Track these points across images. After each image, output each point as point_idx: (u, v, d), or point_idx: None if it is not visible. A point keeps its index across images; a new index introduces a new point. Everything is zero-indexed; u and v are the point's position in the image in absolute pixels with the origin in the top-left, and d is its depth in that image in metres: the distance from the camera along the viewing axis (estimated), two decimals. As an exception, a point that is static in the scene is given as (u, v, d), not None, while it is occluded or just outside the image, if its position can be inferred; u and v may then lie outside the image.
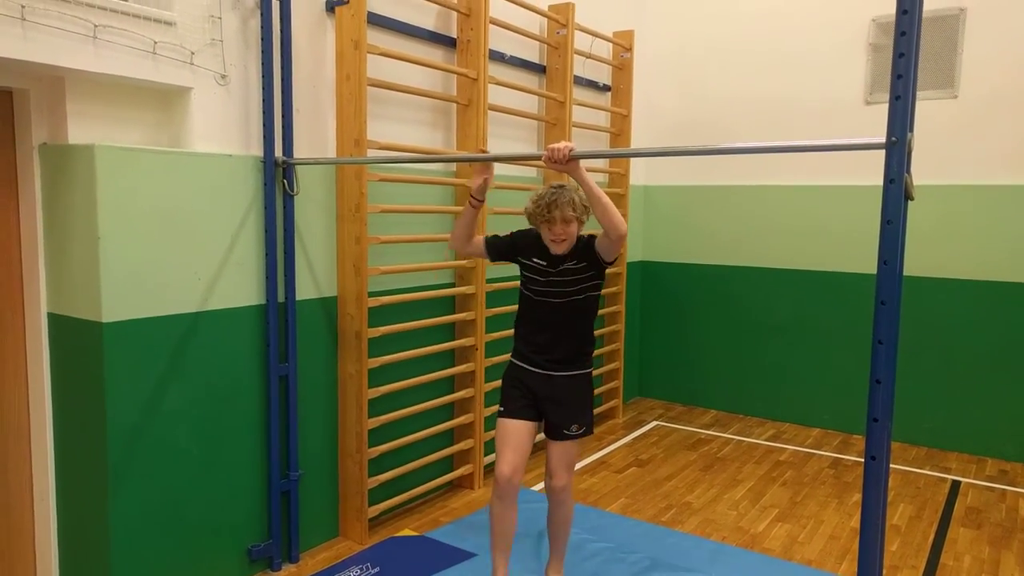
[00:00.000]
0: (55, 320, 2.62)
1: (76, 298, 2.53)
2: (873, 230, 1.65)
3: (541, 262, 2.64)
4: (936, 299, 4.70)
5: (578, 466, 4.39)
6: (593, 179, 2.43)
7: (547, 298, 2.63)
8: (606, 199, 2.40)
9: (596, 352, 5.09)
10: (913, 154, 1.69)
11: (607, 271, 2.71)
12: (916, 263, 4.59)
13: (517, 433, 2.65)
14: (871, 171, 1.71)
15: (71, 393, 2.62)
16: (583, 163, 2.40)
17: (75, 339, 2.56)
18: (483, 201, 2.68)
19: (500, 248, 2.76)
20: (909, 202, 1.67)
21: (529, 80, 4.42)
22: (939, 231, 4.65)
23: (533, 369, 2.68)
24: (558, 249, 2.60)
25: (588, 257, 2.59)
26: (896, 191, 1.59)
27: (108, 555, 2.55)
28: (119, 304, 2.50)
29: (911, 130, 1.62)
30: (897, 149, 1.58)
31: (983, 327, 4.59)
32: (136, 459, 2.60)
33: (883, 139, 1.61)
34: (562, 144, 2.34)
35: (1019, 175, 4.44)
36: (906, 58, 1.56)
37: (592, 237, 2.60)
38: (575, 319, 2.66)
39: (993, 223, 4.53)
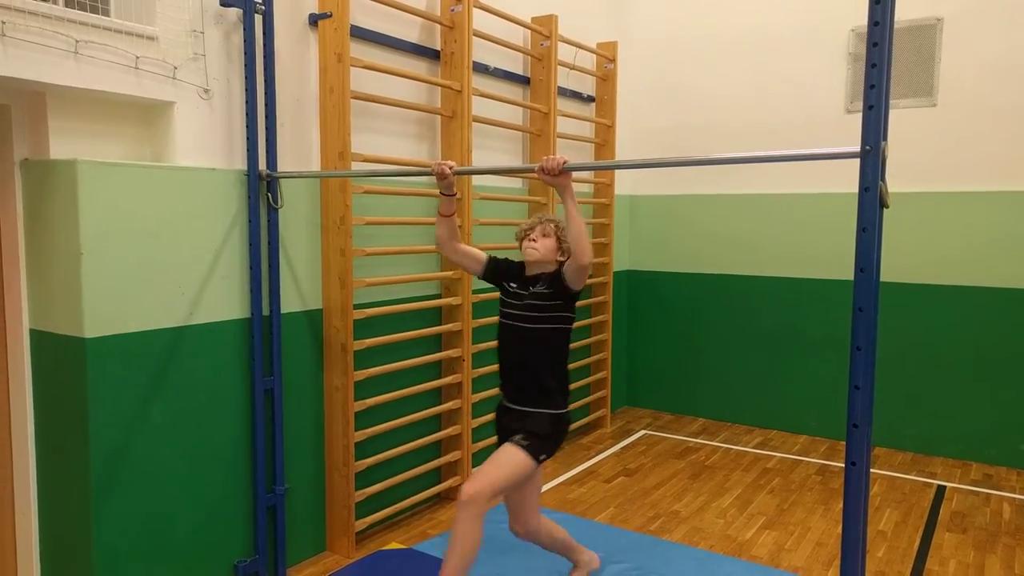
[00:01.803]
0: (37, 336, 2.60)
1: (58, 314, 2.52)
2: (854, 238, 1.67)
3: (513, 285, 2.72)
4: (919, 305, 4.75)
5: (566, 476, 4.40)
6: (577, 191, 2.50)
7: (516, 322, 2.67)
8: (582, 226, 2.49)
9: (585, 361, 5.14)
10: (892, 162, 1.71)
11: (577, 303, 2.69)
12: (898, 270, 4.65)
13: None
14: (852, 179, 1.73)
15: (54, 409, 2.60)
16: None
17: (57, 355, 2.54)
18: (454, 194, 2.68)
19: (495, 268, 2.80)
20: (885, 209, 1.69)
21: (513, 92, 4.44)
22: (921, 238, 4.70)
23: (504, 402, 2.76)
24: (531, 256, 2.66)
25: (556, 285, 2.62)
26: (871, 199, 1.61)
27: (91, 572, 2.52)
28: (102, 319, 2.49)
29: (885, 139, 1.64)
30: (871, 158, 1.61)
31: (965, 332, 4.64)
32: (120, 475, 2.58)
33: (858, 148, 1.63)
34: (555, 157, 2.42)
35: (997, 182, 4.51)
36: (878, 68, 1.58)
37: (562, 264, 2.63)
38: (538, 349, 2.66)
39: (972, 229, 4.59)
